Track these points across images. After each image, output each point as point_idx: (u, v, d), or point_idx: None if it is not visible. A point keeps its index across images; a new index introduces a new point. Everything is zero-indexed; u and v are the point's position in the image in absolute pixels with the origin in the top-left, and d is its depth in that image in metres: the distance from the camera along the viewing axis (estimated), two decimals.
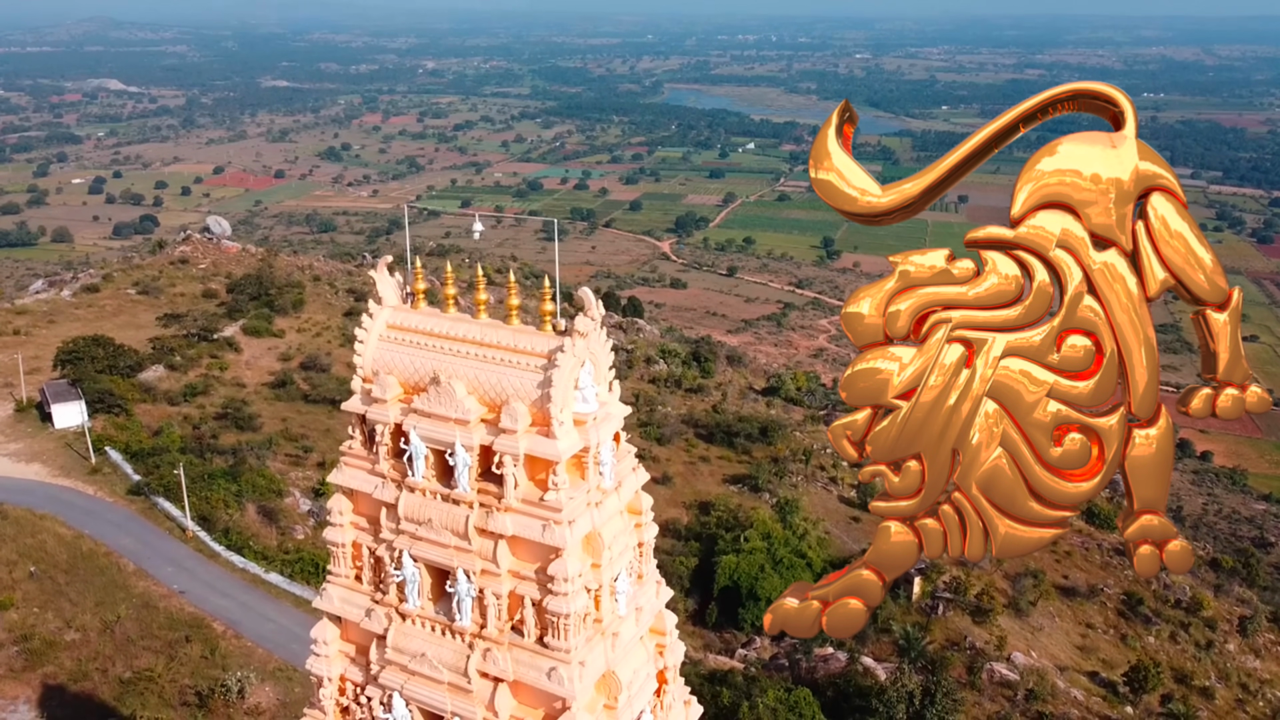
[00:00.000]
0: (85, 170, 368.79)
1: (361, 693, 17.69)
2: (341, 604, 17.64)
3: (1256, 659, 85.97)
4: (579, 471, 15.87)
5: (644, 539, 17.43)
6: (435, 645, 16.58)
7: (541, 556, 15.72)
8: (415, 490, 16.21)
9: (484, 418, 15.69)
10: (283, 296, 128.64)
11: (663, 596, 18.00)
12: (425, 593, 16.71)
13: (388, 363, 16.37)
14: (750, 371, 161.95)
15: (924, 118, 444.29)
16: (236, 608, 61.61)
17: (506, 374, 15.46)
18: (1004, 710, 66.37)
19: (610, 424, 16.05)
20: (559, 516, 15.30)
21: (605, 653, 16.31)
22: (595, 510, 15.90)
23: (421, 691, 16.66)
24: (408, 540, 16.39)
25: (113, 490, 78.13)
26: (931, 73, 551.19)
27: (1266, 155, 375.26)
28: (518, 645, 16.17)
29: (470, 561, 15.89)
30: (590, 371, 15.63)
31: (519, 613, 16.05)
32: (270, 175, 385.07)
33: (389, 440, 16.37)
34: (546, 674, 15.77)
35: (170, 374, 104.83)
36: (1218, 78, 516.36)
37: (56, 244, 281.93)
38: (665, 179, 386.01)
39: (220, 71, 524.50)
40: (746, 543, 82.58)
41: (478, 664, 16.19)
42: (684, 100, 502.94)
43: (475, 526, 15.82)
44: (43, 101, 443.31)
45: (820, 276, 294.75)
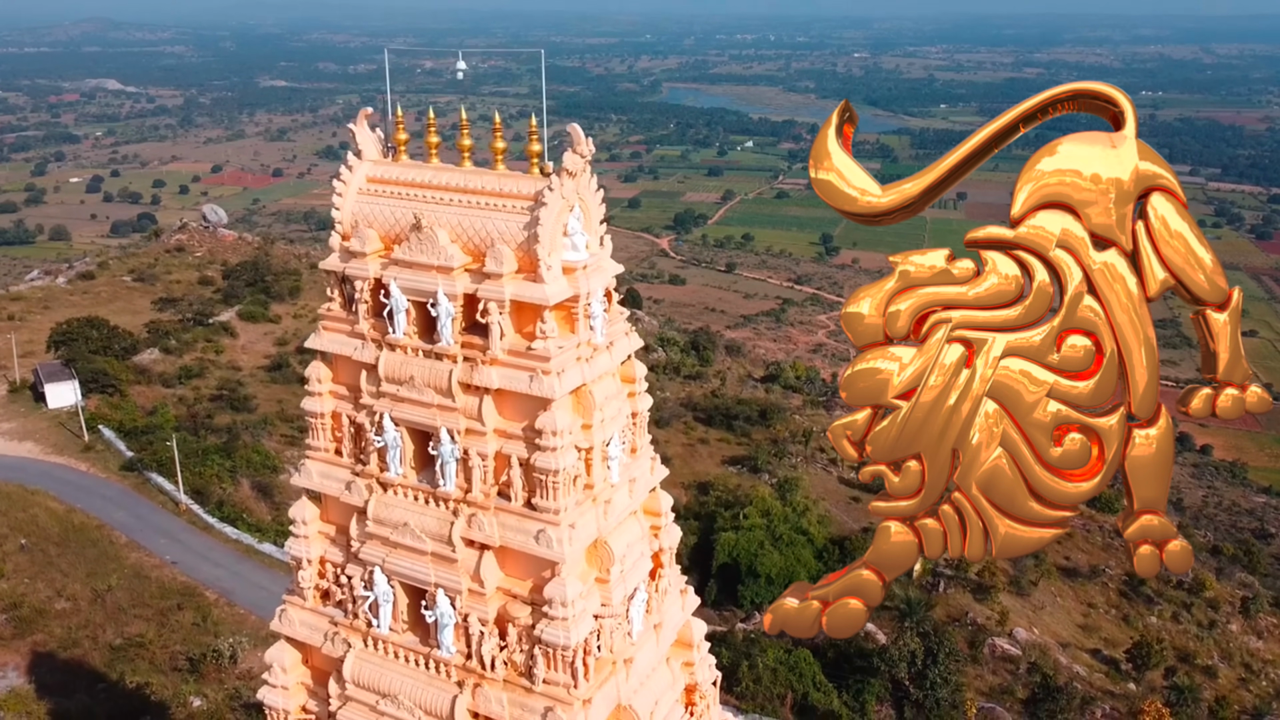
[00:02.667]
0: (83, 169, 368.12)
1: (342, 572, 16.95)
2: (320, 479, 16.91)
3: (1259, 640, 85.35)
4: (569, 325, 15.13)
5: (638, 409, 16.69)
6: (418, 514, 15.83)
7: (529, 412, 14.97)
8: (396, 348, 15.47)
9: (468, 267, 14.96)
10: (279, 283, 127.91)
11: (658, 474, 17.26)
12: (407, 460, 15.96)
13: (367, 215, 15.64)
14: (749, 361, 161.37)
15: (922, 116, 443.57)
16: (229, 576, 60.84)
17: (491, 218, 14.72)
18: (1006, 683, 65.70)
19: (601, 276, 15.32)
20: (547, 366, 14.56)
21: (597, 519, 15.56)
22: (586, 365, 15.15)
23: (404, 564, 15.92)
24: (389, 403, 15.64)
25: (105, 467, 77.34)
26: (930, 71, 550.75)
27: (1265, 152, 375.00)
28: (504, 510, 15.43)
29: (454, 420, 15.15)
30: (580, 218, 14.91)
31: (505, 473, 15.30)
32: (268, 174, 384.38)
33: (368, 298, 15.64)
34: (534, 537, 15.02)
35: (165, 357, 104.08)
36: (1216, 76, 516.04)
37: (54, 242, 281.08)
38: (664, 177, 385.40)
39: (218, 71, 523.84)
40: (746, 520, 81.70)
41: (462, 530, 15.45)
42: (682, 99, 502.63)
43: (459, 381, 15.08)
44: (41, 101, 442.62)
45: (819, 273, 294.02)
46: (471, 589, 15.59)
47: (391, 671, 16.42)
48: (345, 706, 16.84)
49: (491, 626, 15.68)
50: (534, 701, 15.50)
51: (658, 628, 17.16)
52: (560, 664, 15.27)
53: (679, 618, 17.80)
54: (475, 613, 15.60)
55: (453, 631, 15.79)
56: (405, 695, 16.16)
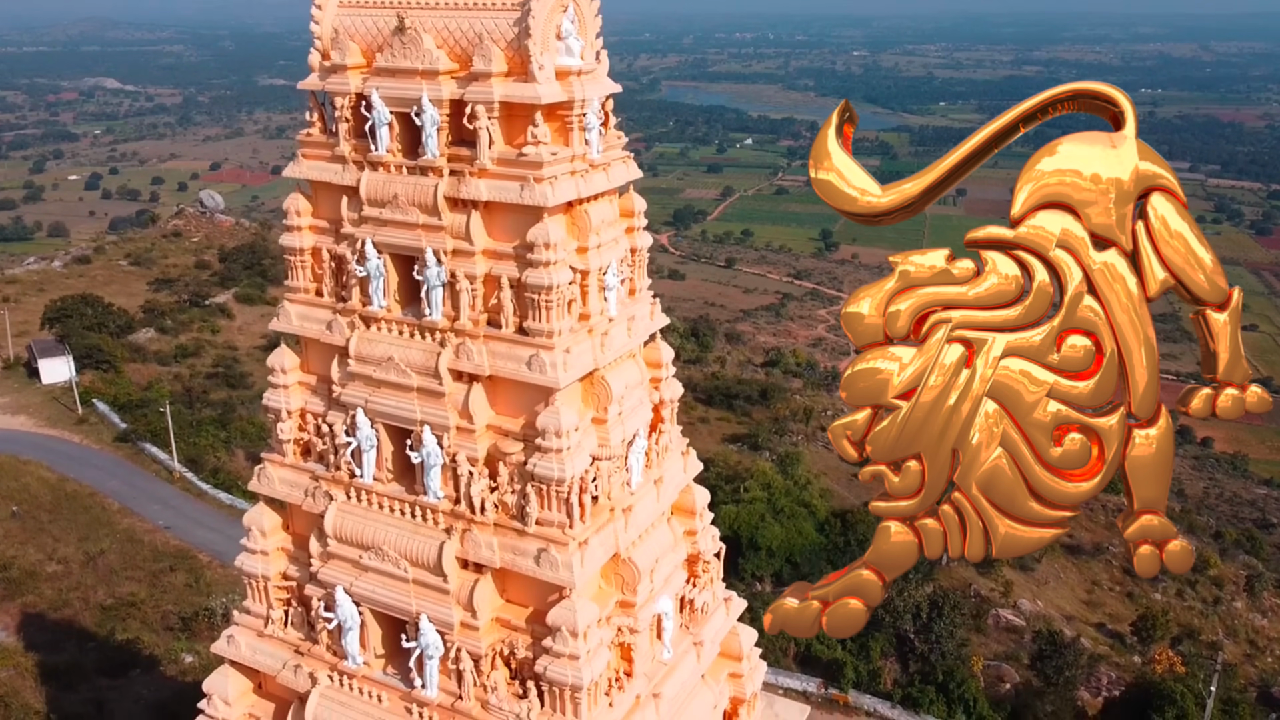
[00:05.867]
0: (81, 167, 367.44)
1: (323, 421, 16.03)
2: (300, 321, 15.99)
3: (1263, 618, 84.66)
4: (562, 137, 14.21)
5: (638, 245, 15.80)
6: (403, 347, 14.91)
7: (520, 229, 14.05)
8: (379, 167, 14.55)
9: (454, 74, 14.05)
10: (277, 266, 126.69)
11: (658, 320, 16.35)
12: (391, 293, 15.05)
13: (348, 27, 14.72)
14: (749, 350, 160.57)
15: (922, 113, 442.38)
16: (222, 540, 59.77)
17: (479, 17, 13.79)
18: (1011, 649, 64.84)
19: (598, 86, 14.39)
20: (539, 173, 13.63)
21: (593, 351, 14.64)
22: (581, 181, 14.24)
23: (388, 402, 14.99)
24: (371, 228, 14.72)
25: (99, 439, 76.41)
26: (929, 69, 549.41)
27: (1264, 149, 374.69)
28: (494, 338, 14.51)
29: (440, 240, 14.23)
30: (574, 21, 14.00)
31: (495, 296, 14.37)
32: (267, 171, 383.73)
33: (349, 115, 14.72)
34: (526, 363, 14.09)
35: (161, 336, 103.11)
36: (1215, 74, 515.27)
37: (52, 238, 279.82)
38: (663, 174, 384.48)
39: (217, 70, 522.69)
40: (746, 493, 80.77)
41: (449, 361, 14.52)
42: (682, 97, 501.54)
43: (445, 196, 14.16)
44: (39, 100, 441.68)
45: (818, 268, 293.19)
46: (460, 425, 14.67)
47: (375, 522, 15.51)
48: (328, 564, 15.92)
49: (481, 466, 14.77)
50: (527, 544, 14.58)
51: (658, 483, 16.27)
52: (554, 502, 14.36)
53: (680, 478, 16.91)
54: (464, 451, 14.68)
55: (440, 474, 14.88)
56: (390, 546, 15.25)
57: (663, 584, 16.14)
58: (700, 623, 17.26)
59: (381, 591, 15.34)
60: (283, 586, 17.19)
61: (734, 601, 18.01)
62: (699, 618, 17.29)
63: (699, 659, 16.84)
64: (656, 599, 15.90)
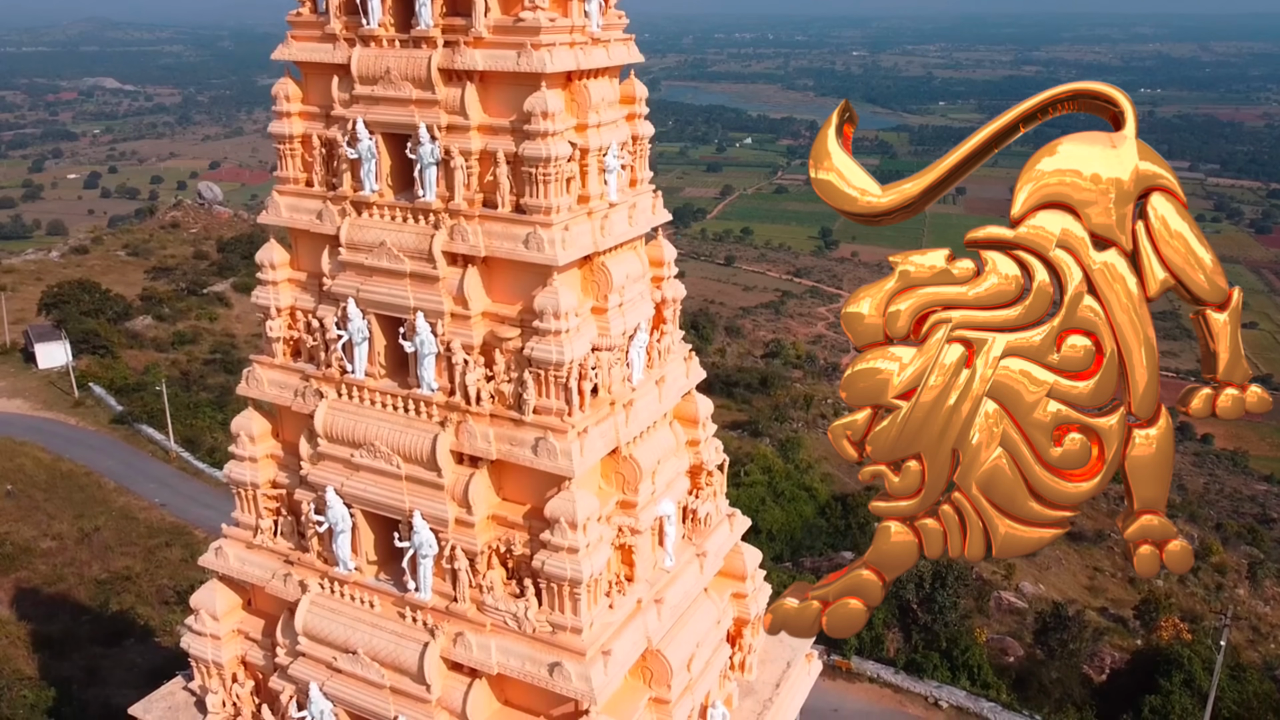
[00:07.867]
0: (81, 166, 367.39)
1: (313, 316, 15.51)
2: (290, 213, 15.46)
3: (1266, 605, 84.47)
4: (560, 6, 13.71)
5: (639, 132, 15.28)
6: (395, 232, 14.39)
7: (516, 102, 13.54)
8: (370, 41, 14.04)
9: None
10: None
11: (660, 215, 15.81)
12: (383, 176, 14.53)
13: None
14: (749, 343, 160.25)
15: (921, 113, 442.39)
16: (219, 516, 58.68)
17: None
18: (1014, 630, 64.44)
19: None
20: (537, 39, 13.12)
21: (593, 233, 14.12)
22: (580, 53, 13.72)
23: (380, 290, 14.47)
24: (362, 107, 14.21)
25: (95, 421, 75.95)
26: (928, 69, 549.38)
27: (1263, 148, 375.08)
28: (490, 217, 13.98)
29: (434, 115, 13.72)
30: None
31: (491, 173, 13.84)
32: (266, 170, 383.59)
33: None
34: (524, 241, 13.57)
35: (158, 324, 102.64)
36: (1214, 73, 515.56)
37: (51, 237, 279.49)
38: (662, 173, 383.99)
39: (216, 70, 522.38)
40: (747, 476, 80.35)
41: (444, 243, 14.00)
42: (681, 97, 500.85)
43: (440, 68, 13.64)
44: (38, 100, 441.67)
45: (818, 266, 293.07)
46: (454, 311, 14.15)
47: (368, 419, 14.98)
48: (318, 465, 15.40)
49: (477, 355, 14.25)
50: (524, 434, 14.05)
51: (660, 382, 15.75)
52: (553, 389, 13.83)
53: (683, 383, 16.41)
54: (459, 339, 14.15)
55: (433, 364, 14.35)
56: (382, 442, 14.72)
57: (665, 487, 15.63)
58: (703, 534, 16.77)
59: (374, 490, 14.83)
60: (272, 495, 16.70)
61: (737, 518, 17.51)
62: (702, 529, 16.79)
63: (702, 570, 16.34)
64: (658, 501, 15.38)
